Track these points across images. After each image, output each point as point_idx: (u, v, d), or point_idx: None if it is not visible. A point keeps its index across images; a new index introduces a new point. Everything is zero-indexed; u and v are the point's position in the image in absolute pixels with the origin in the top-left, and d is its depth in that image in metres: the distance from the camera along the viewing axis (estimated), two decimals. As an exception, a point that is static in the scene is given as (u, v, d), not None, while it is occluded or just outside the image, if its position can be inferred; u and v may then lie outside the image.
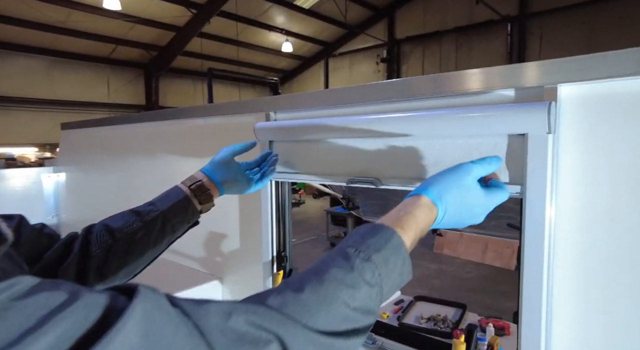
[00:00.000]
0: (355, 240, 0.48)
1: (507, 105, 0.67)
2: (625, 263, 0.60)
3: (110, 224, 0.72)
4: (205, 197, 0.79)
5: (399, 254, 0.48)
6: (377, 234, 0.48)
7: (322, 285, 0.42)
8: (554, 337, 0.66)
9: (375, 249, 0.46)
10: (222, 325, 0.36)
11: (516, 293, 0.68)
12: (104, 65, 10.65)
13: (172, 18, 9.41)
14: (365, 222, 0.54)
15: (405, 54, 11.04)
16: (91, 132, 1.95)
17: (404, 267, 0.48)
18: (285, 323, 0.39)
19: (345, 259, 0.45)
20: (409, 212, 0.52)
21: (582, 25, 8.09)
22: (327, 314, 0.41)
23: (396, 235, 0.48)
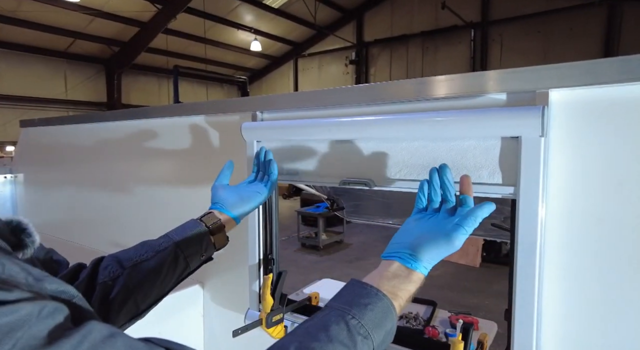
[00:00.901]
0: (359, 309, 0.52)
1: (501, 109, 0.69)
2: (613, 262, 0.63)
3: (120, 255, 0.69)
4: (216, 228, 0.78)
5: (392, 329, 0.54)
6: (376, 307, 0.53)
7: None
8: (543, 333, 0.69)
9: (375, 325, 0.51)
10: None
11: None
12: (61, 59, 10.06)
13: (135, 13, 9.05)
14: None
15: (374, 57, 11.22)
16: (56, 130, 1.84)
17: (391, 335, 0.54)
18: None
19: (349, 334, 0.49)
20: (407, 290, 0.57)
21: (538, 34, 8.57)
22: None
23: (393, 309, 0.54)
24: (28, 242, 0.46)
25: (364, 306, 0.52)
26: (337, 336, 0.48)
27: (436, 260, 0.60)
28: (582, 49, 8.06)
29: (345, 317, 0.50)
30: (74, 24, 8.99)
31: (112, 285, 0.65)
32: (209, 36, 10.56)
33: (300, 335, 0.49)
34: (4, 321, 0.30)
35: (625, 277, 0.62)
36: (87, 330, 0.33)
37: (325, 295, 2.07)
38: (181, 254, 0.71)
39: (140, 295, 0.67)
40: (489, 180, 0.71)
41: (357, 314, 0.51)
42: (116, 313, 0.64)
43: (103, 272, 0.66)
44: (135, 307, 0.68)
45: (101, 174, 1.62)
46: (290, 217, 7.30)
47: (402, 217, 1.26)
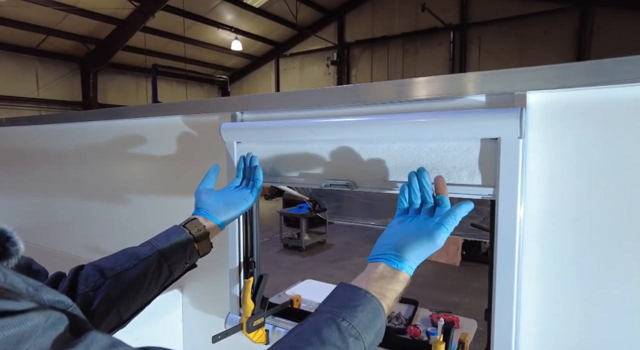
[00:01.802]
0: (349, 311, 0.52)
1: (480, 111, 0.69)
2: (588, 261, 0.64)
3: (102, 264, 0.66)
4: (200, 235, 0.76)
5: (381, 329, 0.55)
6: (366, 308, 0.54)
7: None
8: (522, 332, 0.70)
9: (365, 326, 0.52)
10: None
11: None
12: (31, 56, 9.68)
13: (112, 10, 8.81)
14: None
15: (355, 58, 11.28)
16: (25, 130, 1.76)
17: (381, 335, 0.55)
18: None
19: (340, 336, 0.50)
20: (394, 290, 0.58)
21: (515, 36, 8.79)
22: None
23: (382, 309, 0.55)
24: (13, 251, 0.44)
25: (354, 308, 0.53)
26: (329, 338, 0.49)
27: (420, 259, 0.61)
28: (557, 51, 8.32)
29: (336, 320, 0.51)
30: (46, 20, 8.67)
31: (93, 296, 0.62)
32: (188, 35, 10.39)
33: (293, 340, 0.49)
34: (13, 332, 0.28)
35: (601, 275, 0.63)
36: (89, 341, 0.32)
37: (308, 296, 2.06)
38: (165, 262, 0.69)
39: (123, 306, 0.65)
40: (469, 182, 0.72)
41: (348, 316, 0.52)
42: (98, 324, 0.62)
43: (84, 282, 0.63)
44: (118, 317, 0.65)
45: (75, 177, 1.56)
46: (273, 218, 7.26)
47: (384, 218, 1.26)
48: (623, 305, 0.62)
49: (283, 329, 0.96)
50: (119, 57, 10.38)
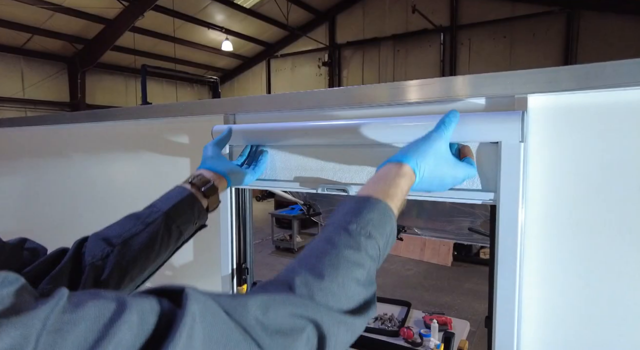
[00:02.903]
0: (354, 215, 0.51)
1: (480, 114, 0.68)
2: (590, 265, 0.63)
3: (106, 232, 0.63)
4: (209, 190, 0.73)
5: (392, 226, 0.53)
6: (374, 209, 0.52)
7: (339, 270, 0.46)
8: (523, 338, 0.69)
9: (374, 226, 0.50)
10: (262, 319, 0.39)
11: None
12: (17, 56, 9.48)
13: (100, 9, 8.67)
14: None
15: (346, 59, 11.29)
16: (17, 132, 1.71)
17: (393, 236, 0.54)
18: (318, 310, 0.42)
19: (351, 238, 0.48)
20: (395, 184, 0.56)
21: (504, 39, 8.89)
22: (346, 296, 0.45)
23: (389, 209, 0.53)
24: None
25: (359, 212, 0.51)
26: (341, 242, 0.48)
27: (423, 156, 0.60)
28: (545, 53, 8.43)
29: (343, 226, 0.50)
30: (31, 18, 8.49)
31: (102, 266, 0.60)
32: (178, 35, 10.29)
33: (305, 255, 0.49)
34: None
35: (603, 280, 0.62)
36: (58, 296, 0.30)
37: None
38: (172, 223, 0.67)
39: (135, 271, 0.63)
40: (469, 186, 0.70)
41: (355, 220, 0.50)
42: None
43: (90, 253, 0.60)
44: (133, 284, 0.64)
45: (63, 180, 1.52)
46: (264, 219, 7.21)
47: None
48: (626, 311, 0.61)
49: (278, 337, 0.94)
50: (108, 57, 10.23)
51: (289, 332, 0.39)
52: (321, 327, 0.42)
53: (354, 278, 0.46)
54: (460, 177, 0.65)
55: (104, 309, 0.30)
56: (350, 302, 0.45)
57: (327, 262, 0.46)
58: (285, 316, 0.40)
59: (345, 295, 0.45)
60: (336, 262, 0.46)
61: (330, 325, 0.42)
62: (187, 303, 0.33)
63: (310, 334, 0.41)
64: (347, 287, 0.45)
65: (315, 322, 0.42)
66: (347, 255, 0.47)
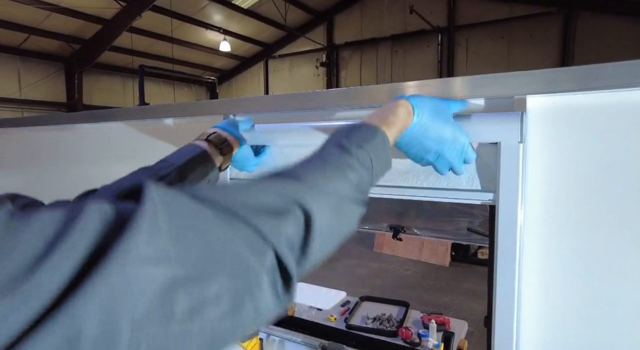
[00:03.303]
0: (345, 134, 0.52)
1: (480, 115, 0.68)
2: (589, 265, 0.64)
3: (118, 184, 0.61)
4: (226, 148, 0.74)
5: (384, 146, 0.54)
6: (364, 130, 0.53)
7: (327, 166, 0.46)
8: (522, 338, 0.69)
9: (365, 140, 0.51)
10: (245, 200, 0.37)
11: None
12: (13, 56, 9.42)
13: (97, 9, 8.65)
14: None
15: (344, 60, 11.29)
16: (13, 133, 1.70)
17: (387, 159, 0.54)
18: (306, 191, 0.41)
19: (341, 147, 0.49)
20: (393, 113, 0.58)
21: (502, 39, 8.91)
22: (335, 188, 0.44)
23: (380, 131, 0.54)
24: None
25: (350, 131, 0.53)
26: (332, 155, 0.48)
27: (423, 101, 0.62)
28: (542, 54, 8.45)
29: (335, 142, 0.51)
30: (28, 18, 8.45)
31: None
32: (176, 35, 10.26)
33: (297, 167, 0.47)
34: None
35: (602, 280, 0.63)
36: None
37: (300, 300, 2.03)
38: (185, 178, 0.66)
39: None
40: (469, 187, 0.71)
41: (345, 136, 0.51)
42: None
43: None
44: None
45: (60, 181, 1.51)
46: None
47: (377, 222, 1.25)
48: (625, 310, 0.62)
49: (277, 338, 0.94)
50: (105, 58, 10.20)
51: (276, 211, 0.37)
52: (308, 209, 0.39)
53: (344, 175, 0.46)
54: (459, 138, 0.63)
55: (56, 214, 0.27)
56: (339, 192, 0.45)
57: (317, 160, 0.47)
58: (271, 195, 0.39)
59: (334, 187, 0.44)
60: (326, 160, 0.47)
61: (314, 204, 0.40)
62: (145, 192, 0.30)
63: (298, 214, 0.39)
64: (336, 180, 0.45)
65: (301, 204, 0.39)
66: (337, 155, 0.48)
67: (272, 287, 0.35)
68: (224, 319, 0.31)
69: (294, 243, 0.38)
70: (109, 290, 0.25)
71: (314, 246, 0.39)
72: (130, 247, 0.27)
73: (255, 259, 0.34)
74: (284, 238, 0.37)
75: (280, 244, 0.36)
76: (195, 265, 0.30)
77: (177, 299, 0.28)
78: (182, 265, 0.30)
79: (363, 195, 0.48)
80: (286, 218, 0.38)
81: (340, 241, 0.46)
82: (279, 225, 0.37)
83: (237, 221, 0.34)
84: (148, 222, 0.28)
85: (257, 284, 0.34)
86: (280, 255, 0.36)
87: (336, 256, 5.83)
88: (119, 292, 0.26)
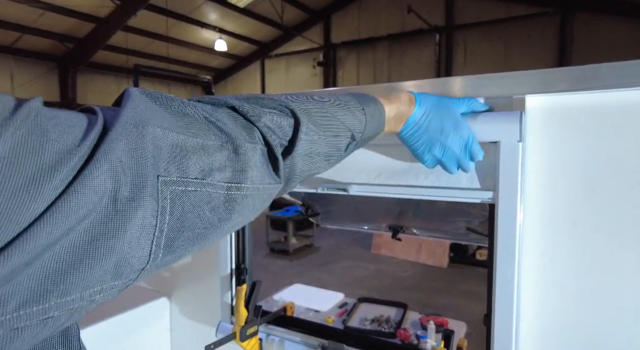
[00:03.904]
0: (348, 96, 0.56)
1: (479, 114, 0.68)
2: (588, 264, 0.64)
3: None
4: None
5: (377, 112, 0.58)
6: (368, 98, 0.58)
7: (323, 101, 0.50)
8: (522, 337, 0.69)
9: (364, 103, 0.56)
10: (236, 103, 0.42)
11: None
12: (6, 55, 9.34)
13: (91, 8, 8.59)
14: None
15: (341, 59, 11.28)
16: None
17: (380, 121, 0.59)
18: (297, 104, 0.46)
19: (337, 97, 0.54)
20: (394, 95, 0.62)
21: (499, 40, 8.94)
22: (324, 112, 0.49)
23: (375, 100, 0.58)
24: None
25: (352, 96, 0.57)
26: (327, 97, 0.53)
27: (427, 95, 0.65)
28: (540, 54, 8.49)
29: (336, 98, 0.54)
30: (21, 17, 8.37)
31: None
32: (171, 34, 10.22)
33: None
34: None
35: (601, 279, 0.63)
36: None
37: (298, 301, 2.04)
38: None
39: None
40: (468, 185, 0.71)
41: (346, 96, 0.56)
42: None
43: None
44: None
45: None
46: (258, 221, 7.19)
47: (376, 223, 1.25)
48: (623, 308, 0.62)
49: (277, 338, 0.94)
50: (99, 57, 10.14)
51: (264, 105, 0.43)
52: (296, 111, 0.45)
53: (335, 109, 0.51)
54: (463, 130, 0.64)
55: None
56: (328, 111, 0.50)
57: (312, 98, 0.51)
58: (261, 103, 0.43)
59: (324, 109, 0.49)
60: (321, 99, 0.51)
61: (305, 115, 0.46)
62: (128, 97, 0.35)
63: (286, 111, 0.44)
64: (327, 108, 0.50)
65: (291, 108, 0.44)
66: (333, 100, 0.52)
67: (263, 158, 0.41)
68: (230, 188, 0.36)
69: (280, 129, 0.43)
70: (130, 144, 0.30)
71: (300, 144, 0.44)
72: (141, 116, 0.32)
73: (244, 131, 0.40)
74: (267, 119, 0.42)
75: (260, 124, 0.41)
76: (196, 134, 0.35)
77: (189, 164, 0.33)
78: (182, 132, 0.34)
79: (350, 132, 0.53)
80: (272, 108, 0.43)
81: (328, 159, 0.50)
82: (262, 111, 0.42)
83: (222, 106, 0.41)
84: (151, 106, 0.34)
85: (251, 154, 0.39)
86: (264, 133, 0.41)
87: (333, 258, 5.83)
88: (139, 146, 0.30)
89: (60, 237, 0.25)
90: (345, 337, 0.88)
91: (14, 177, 0.23)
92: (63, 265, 0.25)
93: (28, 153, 0.24)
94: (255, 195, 0.40)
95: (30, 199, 0.23)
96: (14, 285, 0.23)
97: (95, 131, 0.28)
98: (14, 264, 0.22)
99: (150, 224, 0.30)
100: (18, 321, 0.24)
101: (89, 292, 0.27)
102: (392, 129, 0.62)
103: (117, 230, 0.28)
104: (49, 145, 0.25)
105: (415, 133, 0.63)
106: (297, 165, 0.45)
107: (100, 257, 0.27)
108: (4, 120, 0.24)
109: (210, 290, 1.05)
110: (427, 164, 0.66)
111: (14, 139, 0.24)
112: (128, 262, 0.29)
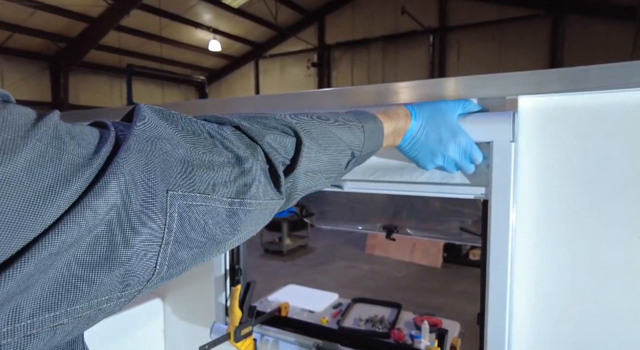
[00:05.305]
0: (348, 115, 0.58)
1: (473, 114, 0.69)
2: (578, 262, 0.65)
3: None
4: None
5: (375, 128, 0.60)
6: (367, 116, 0.60)
7: (322, 120, 0.52)
8: (515, 335, 0.70)
9: (358, 118, 0.58)
10: (240, 116, 0.44)
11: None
12: (-4, 54, 9.25)
13: (83, 7, 8.51)
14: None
15: (336, 60, 11.30)
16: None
17: (378, 139, 0.60)
18: (298, 123, 0.48)
19: (337, 114, 0.56)
20: (391, 109, 0.64)
21: (493, 41, 9.01)
22: (325, 130, 0.51)
23: (373, 116, 0.60)
24: None
25: (346, 113, 0.59)
26: (327, 115, 0.54)
27: (421, 106, 0.66)
28: (532, 55, 8.57)
29: (338, 115, 0.56)
30: (12, 16, 8.27)
31: None
32: (165, 34, 10.16)
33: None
34: None
35: (594, 277, 0.64)
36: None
37: (292, 301, 2.04)
38: None
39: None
40: (462, 182, 0.71)
41: (342, 115, 0.57)
42: None
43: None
44: None
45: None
46: (253, 220, 7.14)
47: (370, 223, 1.25)
48: (617, 307, 0.63)
49: (271, 338, 0.93)
50: (92, 57, 10.05)
51: (267, 125, 0.45)
52: (298, 131, 0.47)
53: (336, 127, 0.53)
54: (461, 138, 0.66)
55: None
56: (328, 130, 0.52)
57: (312, 117, 0.53)
58: (265, 123, 0.45)
59: (325, 128, 0.51)
60: (322, 117, 0.53)
61: (306, 134, 0.48)
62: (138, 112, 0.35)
63: (288, 131, 0.46)
64: (328, 126, 0.52)
65: (293, 128, 0.46)
66: (334, 119, 0.54)
67: (265, 175, 0.42)
68: (233, 203, 0.38)
69: (282, 147, 0.45)
70: (141, 159, 0.31)
71: (301, 163, 0.46)
72: (152, 131, 0.34)
73: (248, 150, 0.41)
74: (270, 138, 0.44)
75: (264, 143, 0.43)
76: (202, 151, 0.37)
77: (196, 180, 0.35)
78: (189, 149, 0.36)
79: (351, 150, 0.54)
80: (275, 128, 0.45)
81: (328, 176, 0.52)
82: (265, 130, 0.44)
83: (227, 125, 0.42)
84: (160, 123, 0.35)
85: (255, 171, 0.41)
86: (267, 152, 0.43)
87: (327, 259, 5.83)
88: (150, 161, 0.32)
89: (71, 245, 0.26)
90: (340, 337, 0.88)
91: (33, 185, 0.24)
92: (74, 274, 0.26)
93: (46, 164, 0.26)
94: (258, 210, 0.41)
95: (47, 207, 0.25)
96: (30, 293, 0.24)
97: (108, 145, 0.30)
98: (30, 270, 0.23)
99: (157, 237, 0.31)
100: (31, 328, 0.24)
101: (97, 301, 0.28)
102: (390, 143, 0.64)
103: (125, 241, 0.29)
104: (65, 157, 0.27)
105: (415, 146, 0.65)
106: (299, 183, 0.47)
107: (109, 267, 0.28)
108: (26, 132, 0.26)
109: (205, 291, 1.05)
110: (427, 169, 0.69)
111: (35, 150, 0.25)
112: (134, 274, 0.30)
